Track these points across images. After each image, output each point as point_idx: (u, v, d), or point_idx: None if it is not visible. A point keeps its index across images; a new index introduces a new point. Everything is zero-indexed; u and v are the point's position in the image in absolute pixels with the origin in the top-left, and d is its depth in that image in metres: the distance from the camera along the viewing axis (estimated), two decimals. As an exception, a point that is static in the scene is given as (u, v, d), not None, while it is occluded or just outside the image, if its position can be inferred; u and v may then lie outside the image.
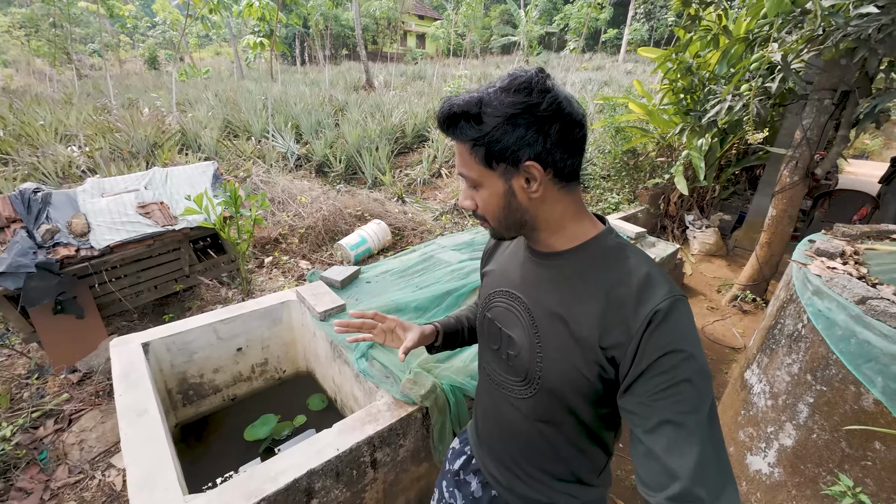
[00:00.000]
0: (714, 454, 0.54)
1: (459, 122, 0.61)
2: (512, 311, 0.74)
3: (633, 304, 0.60)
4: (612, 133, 5.04)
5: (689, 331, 0.59)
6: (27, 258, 2.06)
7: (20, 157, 5.11)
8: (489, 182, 0.64)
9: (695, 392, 0.55)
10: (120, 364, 1.56)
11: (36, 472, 1.84)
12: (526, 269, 0.73)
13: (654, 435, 0.55)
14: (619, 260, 0.65)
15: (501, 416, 0.80)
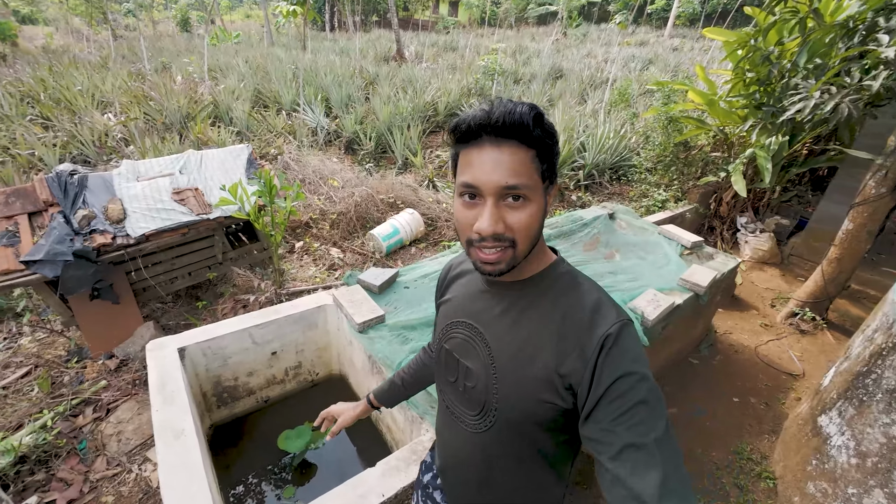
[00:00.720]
0: (674, 471, 0.54)
1: (530, 126, 0.58)
2: (469, 342, 0.73)
3: (586, 330, 0.61)
4: (664, 123, 4.65)
5: (639, 352, 0.61)
6: (64, 245, 2.02)
7: (59, 122, 5.15)
8: (537, 197, 0.61)
9: (650, 412, 0.56)
10: (156, 372, 1.50)
11: (76, 462, 1.85)
12: (483, 299, 0.73)
13: (619, 461, 0.56)
14: (572, 287, 0.66)
15: (459, 449, 0.79)
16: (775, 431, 2.29)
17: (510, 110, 0.58)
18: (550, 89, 8.63)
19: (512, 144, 0.59)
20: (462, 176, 0.62)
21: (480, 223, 0.60)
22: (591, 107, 7.16)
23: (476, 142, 0.60)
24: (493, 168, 0.58)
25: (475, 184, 0.59)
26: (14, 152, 4.47)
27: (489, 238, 0.60)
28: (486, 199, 0.60)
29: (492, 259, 0.62)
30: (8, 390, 2.14)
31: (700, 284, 2.30)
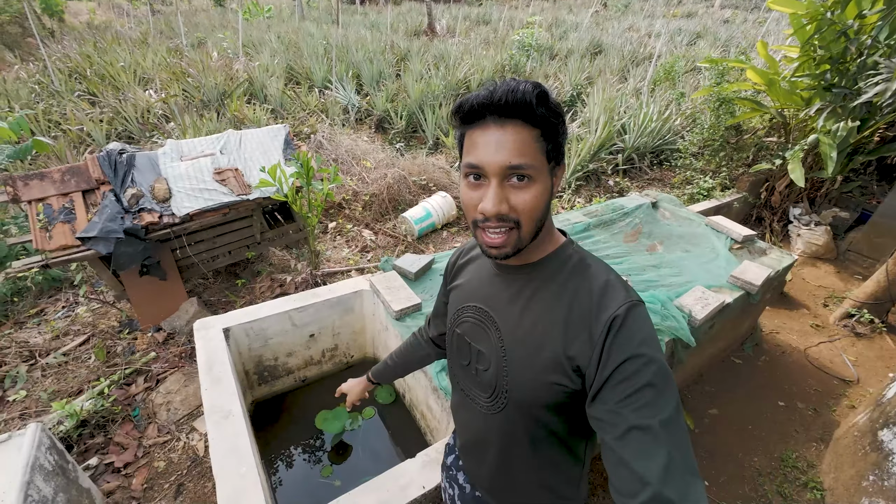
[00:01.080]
0: (679, 455, 0.54)
1: (533, 104, 0.57)
2: (480, 326, 0.74)
3: (594, 312, 0.61)
4: (715, 104, 4.33)
5: (648, 334, 0.60)
6: (116, 223, 2.09)
7: (105, 98, 5.32)
8: (542, 177, 0.61)
9: (657, 395, 0.56)
10: (204, 352, 1.55)
11: (130, 428, 1.98)
12: (493, 283, 0.74)
13: (623, 442, 0.55)
14: (581, 269, 0.67)
15: (476, 430, 0.81)
16: (824, 440, 2.18)
17: (512, 88, 0.57)
18: (589, 66, 8.20)
19: (516, 124, 0.58)
20: (467, 157, 0.61)
21: (484, 203, 0.59)
22: (632, 85, 6.76)
23: (480, 122, 0.60)
24: (497, 148, 0.58)
25: (479, 164, 0.59)
26: (65, 127, 4.67)
27: (493, 218, 0.60)
28: (491, 180, 0.59)
29: (497, 242, 0.62)
30: (69, 357, 2.29)
31: (753, 283, 2.16)
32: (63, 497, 1.39)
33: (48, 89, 5.74)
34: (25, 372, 2.16)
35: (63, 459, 1.48)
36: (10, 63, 7.78)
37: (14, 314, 2.68)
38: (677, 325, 1.84)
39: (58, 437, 1.81)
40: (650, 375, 0.56)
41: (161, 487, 1.77)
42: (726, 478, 1.98)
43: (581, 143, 4.70)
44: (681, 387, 2.44)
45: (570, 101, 6.54)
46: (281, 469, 1.80)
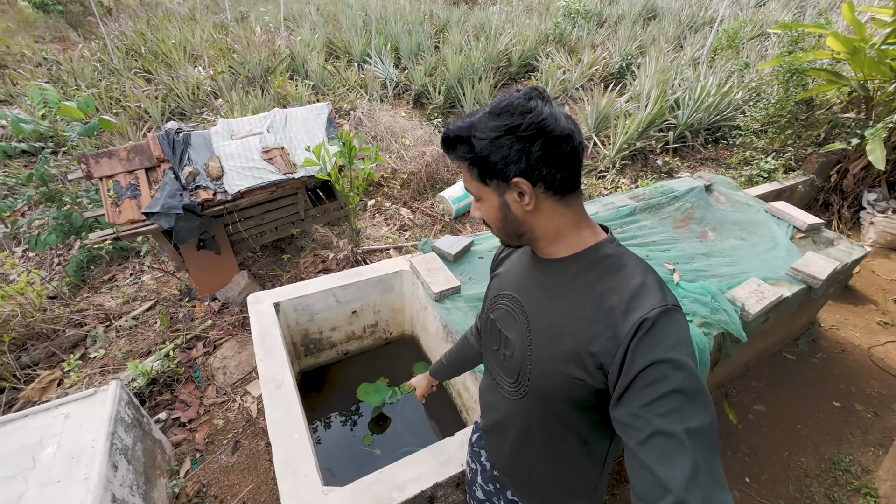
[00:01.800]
0: (706, 464, 0.52)
1: (456, 145, 0.67)
2: (511, 314, 0.77)
3: (621, 312, 0.61)
4: (785, 76, 3.92)
5: (680, 340, 0.59)
6: (175, 200, 2.23)
7: (158, 76, 5.57)
8: (487, 196, 0.69)
9: (685, 401, 0.55)
10: (258, 325, 1.66)
11: (192, 388, 2.17)
12: (528, 273, 0.77)
13: (646, 447, 0.55)
14: (615, 268, 0.67)
15: (500, 413, 0.84)
16: (883, 445, 2.05)
17: (443, 137, 0.68)
18: (641, 33, 7.61)
19: (454, 158, 0.69)
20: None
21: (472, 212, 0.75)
22: (689, 54, 6.23)
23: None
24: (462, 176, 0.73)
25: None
26: (125, 104, 4.95)
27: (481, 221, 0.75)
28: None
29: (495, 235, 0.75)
30: (138, 321, 2.52)
31: (816, 277, 2.01)
32: (140, 446, 1.57)
33: (108, 67, 6.06)
34: (103, 333, 2.40)
35: (139, 413, 1.65)
36: (75, 42, 8.26)
37: (90, 279, 2.96)
38: (728, 319, 1.75)
39: (133, 392, 2.02)
40: (679, 381, 0.55)
41: (220, 442, 1.96)
42: (769, 476, 1.92)
43: (629, 119, 4.43)
44: (724, 380, 2.36)
45: (619, 72, 6.14)
46: (325, 434, 1.93)
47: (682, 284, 1.95)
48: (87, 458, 1.31)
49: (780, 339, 2.50)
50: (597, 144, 4.71)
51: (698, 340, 1.67)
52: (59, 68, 6.16)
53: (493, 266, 0.92)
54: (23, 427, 1.40)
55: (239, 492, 1.76)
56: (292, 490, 1.14)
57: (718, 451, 0.55)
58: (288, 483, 1.15)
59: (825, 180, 4.00)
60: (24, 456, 1.31)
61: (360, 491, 1.15)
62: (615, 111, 4.74)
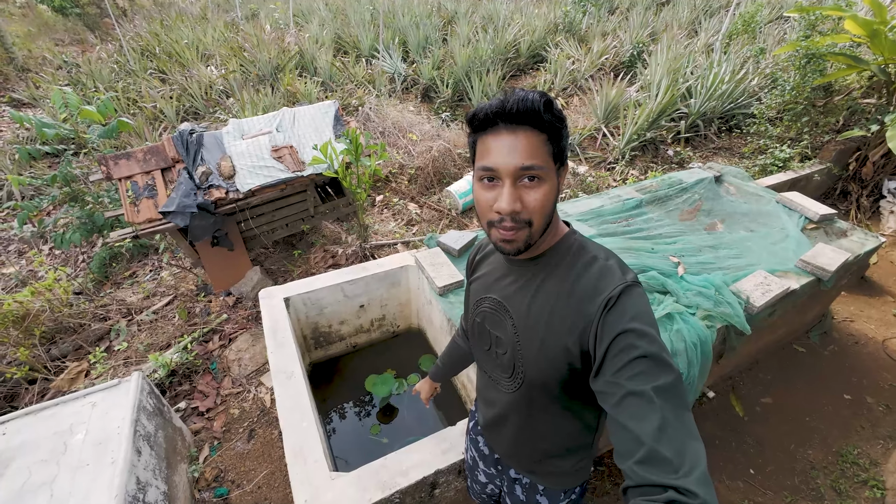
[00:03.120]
0: (675, 417, 0.56)
1: (541, 111, 0.63)
2: (496, 315, 0.82)
3: (590, 296, 0.68)
4: (802, 61, 3.80)
5: (641, 311, 0.65)
6: (190, 199, 2.32)
7: (172, 76, 5.70)
8: (551, 177, 0.67)
9: (651, 365, 0.60)
10: (269, 319, 1.73)
11: (209, 379, 2.27)
12: (506, 276, 0.81)
13: (620, 408, 0.60)
14: (581, 257, 0.73)
15: (499, 407, 0.89)
16: (894, 438, 2.03)
17: (522, 98, 0.63)
18: (654, 19, 7.43)
19: (526, 129, 0.64)
20: (481, 161, 0.67)
21: (500, 203, 0.65)
22: (703, 40, 6.08)
23: (493, 129, 0.66)
24: (510, 151, 0.64)
25: (494, 167, 0.65)
26: (141, 105, 5.09)
27: (508, 217, 0.65)
28: (504, 181, 0.65)
29: (509, 237, 0.67)
30: (157, 315, 2.63)
31: (826, 269, 1.98)
32: (162, 433, 1.66)
33: (125, 68, 6.22)
34: (125, 326, 2.52)
35: (160, 402, 1.75)
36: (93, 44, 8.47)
37: (112, 275, 3.09)
38: (731, 312, 1.75)
39: (154, 383, 2.13)
40: (643, 347, 0.61)
41: (237, 431, 2.05)
42: (774, 468, 1.92)
43: (639, 109, 4.37)
44: (732, 372, 2.35)
45: (630, 61, 6.03)
46: (335, 424, 2.00)
47: (685, 277, 1.95)
48: (113, 444, 1.40)
49: (790, 331, 2.48)
50: (606, 135, 4.66)
51: (701, 333, 1.68)
52: (78, 71, 6.36)
53: (470, 271, 0.96)
54: (55, 415, 1.50)
55: (254, 477, 1.85)
56: (302, 475, 1.20)
57: (688, 406, 0.59)
58: (298, 468, 1.22)
59: (843, 169, 3.89)
60: (57, 441, 1.41)
61: (366, 476, 1.21)
62: (625, 101, 4.67)
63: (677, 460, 0.53)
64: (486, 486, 1.09)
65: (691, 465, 0.53)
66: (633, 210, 2.58)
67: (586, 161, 4.50)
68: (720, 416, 2.15)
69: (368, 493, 1.16)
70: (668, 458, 0.53)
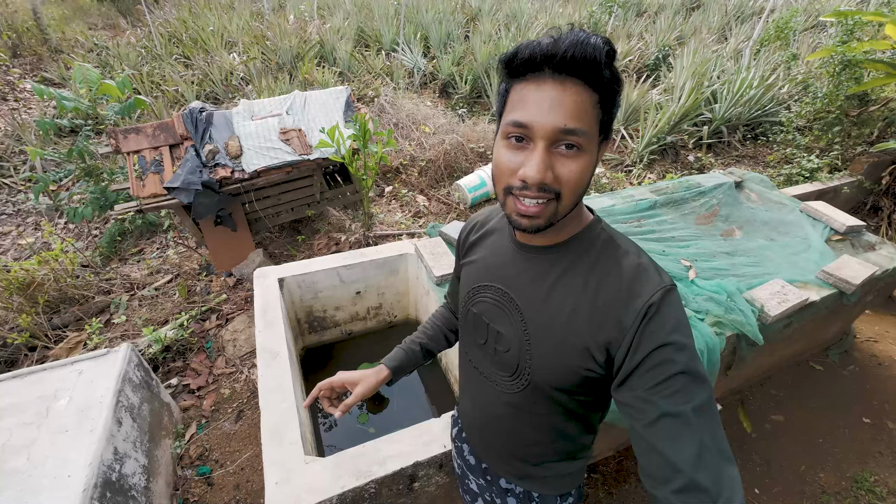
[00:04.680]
0: (712, 440, 0.53)
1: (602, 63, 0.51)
2: (500, 307, 0.71)
3: (625, 298, 0.59)
4: (836, 68, 3.62)
5: (681, 321, 0.59)
6: (195, 176, 2.32)
7: (196, 62, 5.79)
8: (592, 148, 0.56)
9: (689, 381, 0.55)
10: (261, 298, 1.71)
11: (203, 357, 2.26)
12: (514, 262, 0.70)
13: (654, 429, 0.55)
14: (610, 251, 0.64)
15: (488, 406, 0.79)
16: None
17: (581, 41, 0.50)
18: (682, 23, 7.24)
19: (577, 84, 0.52)
20: (513, 113, 0.55)
21: (528, 169, 0.54)
22: (732, 46, 5.88)
23: (535, 76, 0.53)
24: (553, 107, 0.52)
25: (528, 123, 0.53)
26: (164, 88, 5.18)
27: (533, 187, 0.54)
28: (537, 143, 0.54)
29: (532, 212, 0.56)
30: (159, 292, 2.64)
31: (850, 282, 1.86)
32: (147, 406, 1.65)
33: (152, 52, 6.36)
34: (126, 301, 2.54)
35: (148, 376, 1.74)
36: (124, 29, 8.70)
37: (120, 251, 3.13)
38: (743, 320, 1.65)
39: (147, 358, 2.13)
40: (683, 363, 0.55)
41: (225, 411, 2.03)
42: (781, 490, 1.80)
43: (660, 111, 4.23)
44: (742, 386, 2.23)
45: (655, 63, 5.87)
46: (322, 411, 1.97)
47: (696, 282, 1.85)
48: (94, 412, 1.39)
49: (807, 347, 2.34)
50: (624, 138, 4.54)
51: (709, 340, 1.58)
52: (107, 53, 6.51)
53: (461, 253, 0.84)
54: (41, 380, 1.50)
55: (238, 458, 1.83)
56: (276, 456, 1.16)
57: (720, 421, 0.55)
58: (273, 449, 1.18)
59: (876, 182, 3.68)
60: (40, 405, 1.41)
61: (343, 462, 1.16)
62: (646, 103, 4.54)
63: (715, 489, 0.51)
64: (477, 497, 0.96)
65: (729, 496, 0.51)
66: (647, 211, 2.48)
67: (603, 163, 4.38)
68: (726, 430, 1.98)
69: (342, 480, 1.12)
70: (706, 487, 0.51)
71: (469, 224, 0.85)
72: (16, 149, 4.50)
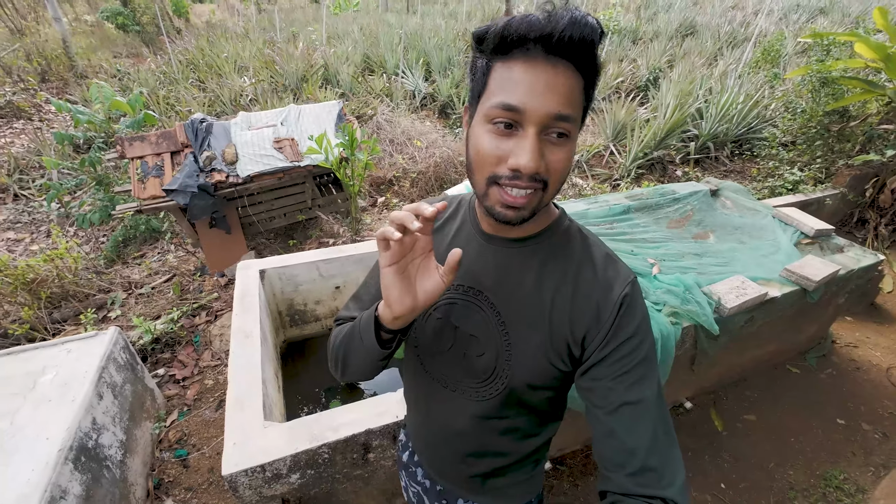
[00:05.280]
0: (663, 426, 0.57)
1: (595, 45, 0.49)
2: (470, 308, 0.66)
3: (602, 289, 0.60)
4: (815, 85, 3.75)
5: (645, 309, 0.62)
6: (192, 179, 2.48)
7: (209, 85, 6.15)
8: (576, 135, 0.53)
9: (648, 368, 0.58)
10: (241, 286, 1.81)
11: (191, 350, 2.36)
12: (483, 257, 0.65)
13: (615, 416, 0.57)
14: (582, 242, 0.64)
15: (451, 421, 0.73)
16: (888, 467, 1.87)
17: (579, 20, 0.46)
18: (675, 48, 7.50)
19: (567, 67, 0.48)
20: (500, 95, 0.49)
21: (521, 158, 0.49)
22: (721, 69, 6.07)
23: (524, 54, 0.48)
24: (545, 91, 0.47)
25: (520, 107, 0.48)
26: (178, 109, 5.50)
27: (525, 177, 0.50)
28: (528, 129, 0.49)
29: (520, 203, 0.52)
30: (154, 290, 2.77)
31: (810, 279, 1.91)
32: (129, 388, 1.74)
33: (169, 77, 6.77)
34: (123, 298, 2.67)
35: (133, 360, 1.84)
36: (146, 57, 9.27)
37: (123, 256, 3.29)
38: (699, 311, 1.71)
39: (137, 349, 2.23)
40: (645, 351, 0.59)
41: (207, 400, 2.11)
42: (748, 485, 1.80)
43: (646, 127, 4.38)
44: (714, 385, 2.25)
45: (645, 85, 6.07)
46: (301, 397, 2.04)
47: (658, 277, 1.92)
48: (77, 385, 1.49)
49: (781, 349, 2.35)
50: (613, 153, 4.67)
51: (664, 329, 1.64)
52: (129, 78, 6.95)
53: None
54: (31, 357, 1.61)
55: (214, 443, 1.89)
56: (237, 421, 1.24)
57: (666, 403, 0.59)
58: (235, 414, 1.26)
59: (860, 195, 3.73)
60: (28, 379, 1.51)
61: (298, 427, 1.23)
62: (633, 121, 4.70)
63: (662, 470, 0.54)
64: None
65: (673, 474, 0.55)
66: (620, 215, 2.56)
67: (592, 177, 4.51)
68: (697, 428, 2.04)
69: (296, 443, 1.18)
70: (656, 468, 0.54)
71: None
72: (35, 163, 4.79)
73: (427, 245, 0.57)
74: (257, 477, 1.16)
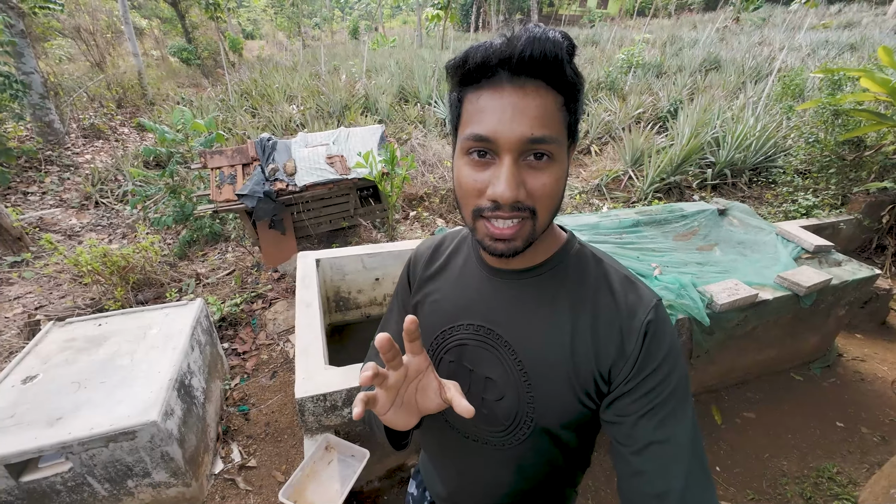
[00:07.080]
0: (698, 464, 0.52)
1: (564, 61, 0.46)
2: (485, 349, 0.61)
3: (623, 316, 0.56)
4: (828, 117, 3.95)
5: (672, 332, 0.56)
6: (259, 187, 2.95)
7: (262, 111, 6.89)
8: (563, 156, 0.51)
9: (680, 401, 0.54)
10: (302, 269, 2.20)
11: (249, 330, 2.75)
12: (491, 293, 0.62)
13: (642, 456, 0.52)
14: (595, 267, 0.60)
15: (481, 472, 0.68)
16: (881, 465, 1.98)
17: (538, 37, 0.45)
18: (699, 81, 7.79)
19: (538, 86, 0.47)
20: (470, 126, 0.49)
21: (497, 187, 0.48)
22: (741, 101, 6.30)
23: (490, 81, 0.48)
24: (515, 115, 0.46)
25: (490, 136, 0.47)
26: (235, 132, 6.21)
27: (506, 207, 0.49)
28: (503, 157, 0.48)
29: (507, 234, 0.51)
30: (219, 280, 3.22)
31: (801, 284, 2.11)
32: (209, 349, 2.12)
33: (226, 104, 7.61)
34: (194, 284, 3.12)
35: (211, 327, 2.23)
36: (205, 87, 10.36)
37: (188, 255, 3.79)
38: (692, 304, 1.94)
39: (207, 325, 2.64)
40: (674, 382, 0.54)
41: (263, 370, 2.47)
42: (742, 470, 1.96)
43: (663, 153, 4.65)
44: (716, 384, 2.41)
45: (665, 116, 6.37)
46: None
47: (658, 277, 2.17)
48: (176, 338, 1.88)
49: (783, 356, 2.50)
50: (632, 178, 4.94)
51: (660, 318, 1.88)
52: (191, 105, 7.85)
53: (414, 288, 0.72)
54: (141, 317, 2.02)
55: (270, 403, 2.23)
56: (305, 364, 1.58)
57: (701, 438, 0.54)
58: (302, 360, 1.59)
59: (876, 221, 3.83)
60: (139, 332, 1.91)
61: (350, 372, 1.55)
62: (650, 148, 4.98)
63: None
64: None
65: None
66: (630, 227, 2.83)
67: (611, 199, 4.78)
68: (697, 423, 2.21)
69: (350, 381, 1.50)
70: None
71: (421, 253, 0.74)
72: (112, 176, 5.51)
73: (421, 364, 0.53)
74: (319, 405, 1.48)
